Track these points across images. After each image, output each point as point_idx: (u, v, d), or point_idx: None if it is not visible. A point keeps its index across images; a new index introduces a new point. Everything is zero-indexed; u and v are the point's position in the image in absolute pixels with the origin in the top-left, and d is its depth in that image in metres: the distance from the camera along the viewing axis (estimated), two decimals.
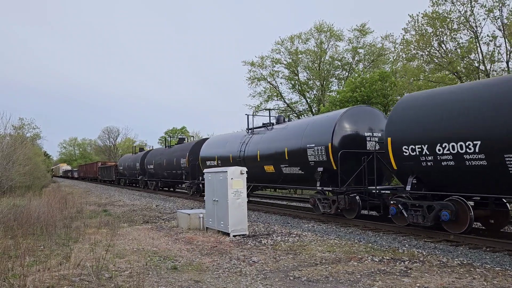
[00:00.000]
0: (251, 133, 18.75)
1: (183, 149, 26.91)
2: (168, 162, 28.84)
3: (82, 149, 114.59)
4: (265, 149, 16.78)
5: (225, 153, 19.99)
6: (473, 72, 22.52)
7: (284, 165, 15.50)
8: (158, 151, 33.16)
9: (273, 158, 16.11)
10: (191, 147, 25.37)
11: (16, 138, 28.98)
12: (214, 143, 22.15)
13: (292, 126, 16.32)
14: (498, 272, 6.90)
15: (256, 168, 16.97)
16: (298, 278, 6.69)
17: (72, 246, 9.14)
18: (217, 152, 20.78)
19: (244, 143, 18.47)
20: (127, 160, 42.18)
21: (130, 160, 40.87)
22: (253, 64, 41.80)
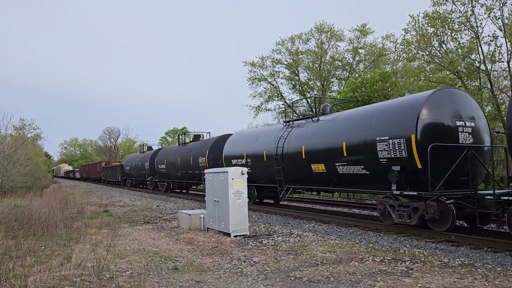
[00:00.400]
0: (290, 126, 16.16)
1: (202, 146, 24.27)
2: (183, 161, 26.10)
3: (83, 150, 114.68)
4: (312, 144, 14.17)
5: (256, 150, 17.53)
6: (474, 72, 22.49)
7: (341, 164, 12.84)
8: (171, 149, 30.33)
9: (325, 155, 13.51)
10: (212, 144, 22.79)
11: (17, 139, 29.01)
12: (241, 139, 19.52)
13: (351, 115, 13.43)
14: (500, 273, 6.89)
15: (299, 167, 14.77)
16: (299, 279, 6.68)
17: (73, 247, 9.14)
18: (246, 149, 18.27)
19: (282, 137, 15.87)
20: (135, 159, 39.19)
21: (137, 159, 37.91)
22: (253, 65, 41.82)
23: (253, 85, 42.72)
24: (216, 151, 22.08)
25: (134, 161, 38.82)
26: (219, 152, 21.30)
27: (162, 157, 30.65)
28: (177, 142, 28.36)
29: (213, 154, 22.22)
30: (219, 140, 22.62)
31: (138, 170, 37.35)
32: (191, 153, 25.20)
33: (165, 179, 30.52)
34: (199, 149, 24.04)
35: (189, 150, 25.79)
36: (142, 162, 35.87)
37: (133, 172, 39.39)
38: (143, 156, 36.53)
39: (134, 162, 38.52)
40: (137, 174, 38.01)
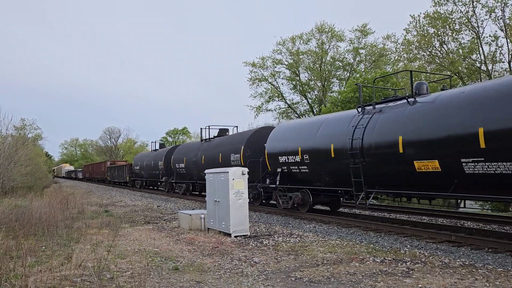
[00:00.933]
0: (369, 112, 12.52)
1: (234, 141, 20.44)
2: (209, 159, 22.25)
3: (84, 150, 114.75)
4: (416, 133, 10.46)
5: (317, 144, 13.85)
6: (475, 72, 22.49)
7: (472, 160, 9.17)
8: (192, 146, 26.53)
9: (441, 148, 9.82)
10: (248, 139, 18.88)
11: (17, 139, 29.04)
12: (292, 131, 15.97)
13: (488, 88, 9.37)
14: (501, 273, 6.87)
15: (391, 165, 11.23)
16: (300, 279, 6.67)
17: (74, 247, 9.14)
18: (302, 143, 14.64)
19: (359, 127, 12.20)
20: (145, 158, 35.20)
21: (149, 158, 33.93)
22: (254, 65, 41.87)
23: (253, 85, 42.82)
24: (253, 147, 18.64)
25: (145, 160, 34.96)
26: (258, 147, 18.31)
27: (181, 155, 26.87)
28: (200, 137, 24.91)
29: (249, 151, 18.58)
30: (256, 134, 19.03)
31: (149, 170, 33.64)
32: (219, 149, 21.42)
33: (185, 180, 26.88)
34: (231, 145, 20.31)
35: (216, 146, 22.03)
36: (155, 161, 32.08)
37: (143, 172, 35.66)
38: (156, 154, 32.75)
39: (145, 161, 34.65)
40: (149, 174, 34.32)
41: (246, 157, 18.52)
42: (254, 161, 17.96)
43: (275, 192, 16.27)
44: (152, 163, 32.53)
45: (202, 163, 22.82)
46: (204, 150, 23.46)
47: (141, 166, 35.70)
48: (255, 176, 17.53)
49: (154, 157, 32.42)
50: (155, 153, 33.19)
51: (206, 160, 22.64)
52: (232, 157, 19.73)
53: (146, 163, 34.27)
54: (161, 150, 32.82)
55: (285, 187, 15.74)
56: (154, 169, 32.10)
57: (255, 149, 18.51)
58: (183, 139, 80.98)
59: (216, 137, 23.99)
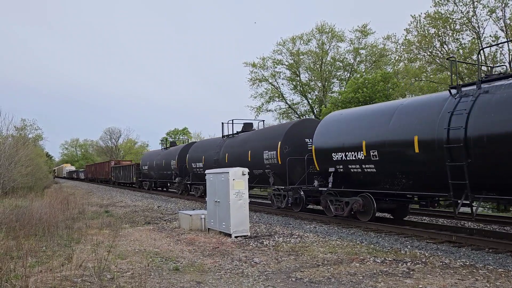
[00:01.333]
0: (472, 93, 9.67)
1: (268, 137, 17.40)
2: (235, 157, 19.33)
3: (84, 150, 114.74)
4: None
5: (392, 136, 11.16)
6: (475, 73, 22.47)
7: None
8: (212, 143, 23.21)
9: None
10: (286, 133, 16.07)
11: (18, 139, 29.04)
12: (348, 121, 13.21)
13: None
14: (501, 274, 6.87)
15: None
16: (300, 279, 6.67)
17: (74, 247, 9.15)
18: (368, 136, 11.87)
19: (457, 113, 9.60)
20: (155, 157, 32.21)
21: (159, 157, 30.98)
22: (254, 65, 41.87)
23: (254, 85, 42.80)
24: (293, 142, 15.90)
25: (155, 159, 31.92)
26: (298, 143, 15.88)
27: (198, 153, 23.87)
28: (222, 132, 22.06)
29: (288, 147, 15.83)
30: (297, 127, 16.38)
31: (160, 170, 30.65)
32: (247, 146, 18.59)
33: (203, 181, 22.33)
34: (264, 140, 17.52)
35: (244, 143, 19.11)
36: (166, 160, 29.16)
37: (152, 173, 32.73)
38: (167, 153, 29.78)
39: (155, 161, 31.63)
40: (159, 175, 31.31)
41: (284, 154, 15.80)
42: (294, 160, 15.51)
43: (324, 196, 13.63)
44: (163, 162, 29.72)
45: (226, 161, 19.97)
46: (227, 147, 20.52)
47: (150, 166, 32.87)
48: (295, 176, 15.35)
49: (165, 156, 29.58)
50: (166, 152, 30.23)
51: (230, 159, 19.73)
52: (265, 155, 16.94)
53: (156, 162, 31.40)
54: (173, 148, 29.95)
55: (339, 191, 13.10)
56: (166, 169, 29.24)
57: (295, 145, 15.89)
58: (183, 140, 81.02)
59: (241, 132, 20.97)
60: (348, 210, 12.60)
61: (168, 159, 28.80)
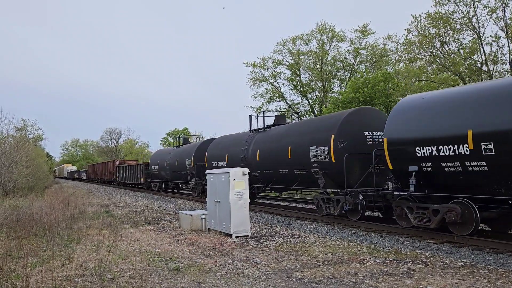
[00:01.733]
0: None
1: (315, 129, 14.63)
2: (267, 154, 16.67)
3: (85, 150, 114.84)
4: None
5: None
6: (476, 73, 22.48)
7: None
8: (237, 139, 20.01)
9: None
10: (341, 124, 13.30)
11: (18, 140, 29.06)
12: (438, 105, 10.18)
13: None
14: (502, 274, 6.86)
15: None
16: (301, 280, 6.67)
17: (75, 247, 9.15)
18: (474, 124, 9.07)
19: None
20: (166, 156, 29.65)
21: (171, 156, 28.49)
22: (255, 65, 41.92)
23: (254, 86, 42.86)
24: (349, 135, 13.23)
25: (166, 158, 29.33)
26: (356, 136, 13.24)
27: (220, 150, 20.98)
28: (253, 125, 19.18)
29: (344, 141, 13.15)
30: (354, 117, 13.54)
31: (172, 170, 28.03)
32: (285, 141, 15.71)
33: None
34: (310, 134, 14.56)
35: (280, 137, 16.35)
36: (180, 159, 26.55)
37: (163, 173, 30.11)
38: (181, 151, 27.22)
39: (167, 160, 29.06)
40: (171, 175, 28.58)
41: (339, 150, 13.03)
42: (353, 157, 12.74)
43: (399, 202, 10.93)
44: (176, 161, 27.10)
45: (257, 160, 17.23)
46: (258, 143, 17.74)
47: (161, 166, 30.12)
48: (353, 177, 12.87)
49: (179, 155, 27.04)
50: (180, 150, 27.77)
51: (263, 156, 17.02)
52: (313, 151, 14.00)
53: (167, 161, 28.77)
54: (188, 146, 27.45)
55: (422, 196, 10.43)
56: (179, 169, 26.57)
57: (352, 139, 13.17)
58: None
59: (274, 125, 18.35)
60: (437, 220, 9.87)
61: (182, 157, 26.22)
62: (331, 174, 13.49)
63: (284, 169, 15.72)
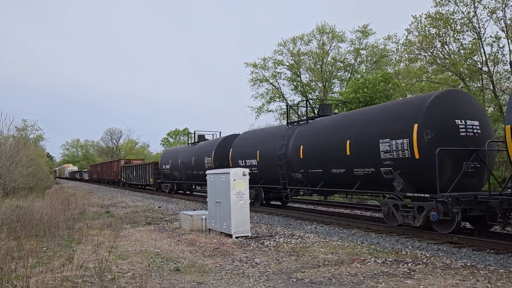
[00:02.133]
0: None
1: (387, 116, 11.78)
2: (319, 148, 13.85)
3: (85, 151, 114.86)
4: None
5: None
6: (476, 73, 22.47)
7: None
8: (272, 133, 17.44)
9: None
10: (426, 109, 10.45)
11: (19, 140, 29.06)
12: None
13: None
14: (502, 274, 6.86)
15: None
16: (301, 280, 6.67)
17: (75, 248, 9.15)
18: None
19: None
20: (180, 154, 26.75)
21: (186, 154, 25.58)
22: (255, 66, 41.94)
23: (254, 86, 42.86)
24: (438, 124, 10.35)
25: (180, 156, 26.44)
26: (446, 126, 10.37)
27: (249, 147, 18.19)
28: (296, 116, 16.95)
29: (432, 131, 10.24)
30: (441, 101, 10.59)
31: (187, 170, 25.12)
32: (341, 133, 13.00)
33: (257, 184, 17.54)
34: (380, 124, 11.74)
35: (336, 130, 13.46)
36: (197, 157, 23.48)
37: (177, 173, 27.41)
38: (198, 148, 24.31)
39: (180, 159, 26.15)
40: (186, 176, 25.62)
41: (425, 143, 10.21)
42: (446, 152, 10.01)
43: None
44: (192, 160, 24.17)
45: (300, 156, 14.60)
46: (301, 137, 14.99)
47: (174, 165, 27.29)
48: (444, 179, 10.16)
49: (195, 153, 24.09)
50: (196, 147, 24.79)
51: (308, 151, 14.33)
52: (383, 145, 11.22)
53: (181, 161, 25.87)
54: (206, 143, 24.43)
55: None
56: (196, 168, 23.56)
57: (442, 130, 10.28)
58: (184, 140, 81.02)
59: (317, 117, 15.72)
60: None
61: (199, 156, 23.17)
62: (412, 174, 10.73)
63: (339, 169, 12.93)
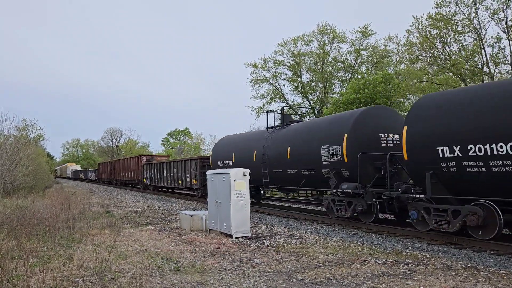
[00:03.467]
0: None
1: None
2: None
3: (85, 150, 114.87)
4: None
5: None
6: (477, 74, 22.46)
7: None
8: None
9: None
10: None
11: (19, 139, 29.06)
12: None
13: None
14: (503, 275, 6.85)
15: None
16: (301, 280, 6.66)
17: (75, 247, 9.15)
18: None
19: None
20: (255, 143, 17.63)
21: (270, 142, 16.42)
22: (256, 66, 41.93)
23: (255, 86, 42.85)
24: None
25: (256, 147, 17.32)
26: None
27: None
28: None
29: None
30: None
31: (274, 168, 16.07)
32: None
33: None
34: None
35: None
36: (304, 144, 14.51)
37: None
38: (300, 130, 15.27)
39: (256, 150, 17.26)
40: (272, 176, 16.40)
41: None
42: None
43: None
44: (286, 151, 15.09)
45: None
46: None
47: (241, 160, 18.14)
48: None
49: (292, 138, 15.13)
50: (293, 130, 15.65)
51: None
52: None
53: (263, 153, 16.57)
54: (317, 121, 15.27)
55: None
56: (296, 165, 14.76)
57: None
58: (184, 140, 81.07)
59: None
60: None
61: (309, 143, 14.04)
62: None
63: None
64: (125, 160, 43.06)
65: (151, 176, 32.62)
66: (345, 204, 12.98)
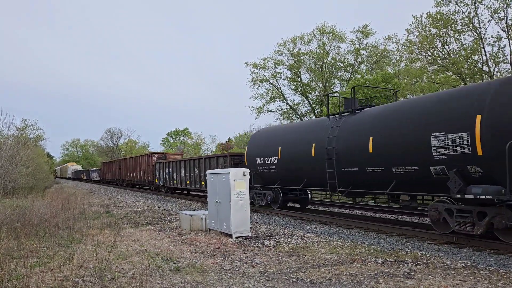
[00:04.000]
0: None
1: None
2: None
3: (85, 150, 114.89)
4: None
5: None
6: (477, 73, 22.46)
7: None
8: None
9: None
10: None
11: (19, 139, 29.05)
12: None
13: None
14: (503, 275, 6.86)
15: None
16: (301, 280, 6.66)
17: (75, 247, 9.15)
18: None
19: None
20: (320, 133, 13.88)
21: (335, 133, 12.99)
22: (255, 66, 41.88)
23: (255, 86, 42.80)
24: None
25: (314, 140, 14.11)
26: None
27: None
28: None
29: None
30: None
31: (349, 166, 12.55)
32: None
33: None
34: None
35: None
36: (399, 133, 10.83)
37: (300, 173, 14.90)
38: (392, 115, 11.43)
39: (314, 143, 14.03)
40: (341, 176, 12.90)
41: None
42: None
43: None
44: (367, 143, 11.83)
45: None
46: None
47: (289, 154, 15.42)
48: None
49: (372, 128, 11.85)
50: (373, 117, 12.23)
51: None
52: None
53: (320, 146, 13.67)
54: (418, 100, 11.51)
55: None
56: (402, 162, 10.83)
57: None
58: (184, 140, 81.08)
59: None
60: None
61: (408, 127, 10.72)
62: None
63: None
64: (133, 159, 38.36)
65: (164, 177, 28.75)
66: (473, 216, 9.28)
